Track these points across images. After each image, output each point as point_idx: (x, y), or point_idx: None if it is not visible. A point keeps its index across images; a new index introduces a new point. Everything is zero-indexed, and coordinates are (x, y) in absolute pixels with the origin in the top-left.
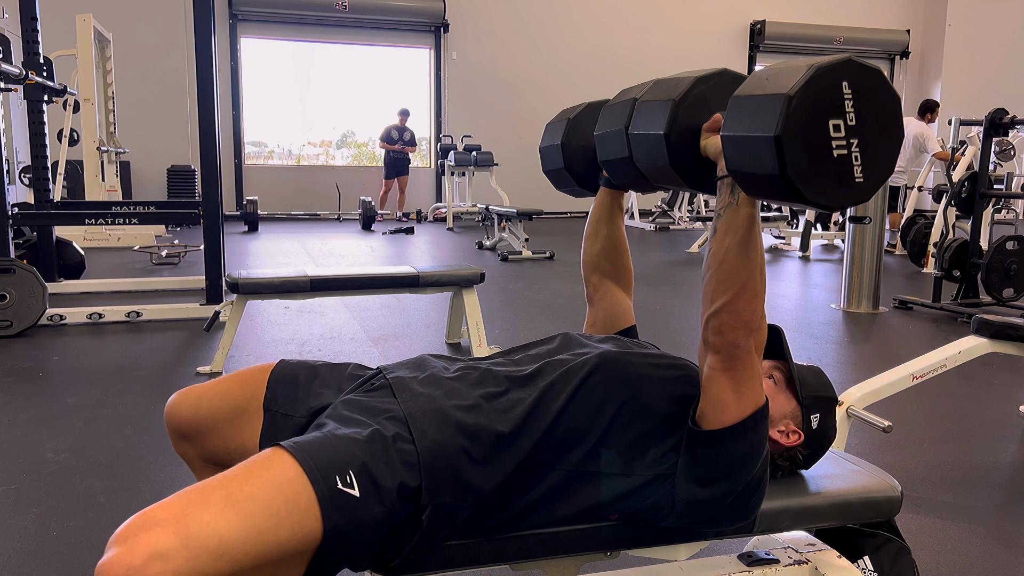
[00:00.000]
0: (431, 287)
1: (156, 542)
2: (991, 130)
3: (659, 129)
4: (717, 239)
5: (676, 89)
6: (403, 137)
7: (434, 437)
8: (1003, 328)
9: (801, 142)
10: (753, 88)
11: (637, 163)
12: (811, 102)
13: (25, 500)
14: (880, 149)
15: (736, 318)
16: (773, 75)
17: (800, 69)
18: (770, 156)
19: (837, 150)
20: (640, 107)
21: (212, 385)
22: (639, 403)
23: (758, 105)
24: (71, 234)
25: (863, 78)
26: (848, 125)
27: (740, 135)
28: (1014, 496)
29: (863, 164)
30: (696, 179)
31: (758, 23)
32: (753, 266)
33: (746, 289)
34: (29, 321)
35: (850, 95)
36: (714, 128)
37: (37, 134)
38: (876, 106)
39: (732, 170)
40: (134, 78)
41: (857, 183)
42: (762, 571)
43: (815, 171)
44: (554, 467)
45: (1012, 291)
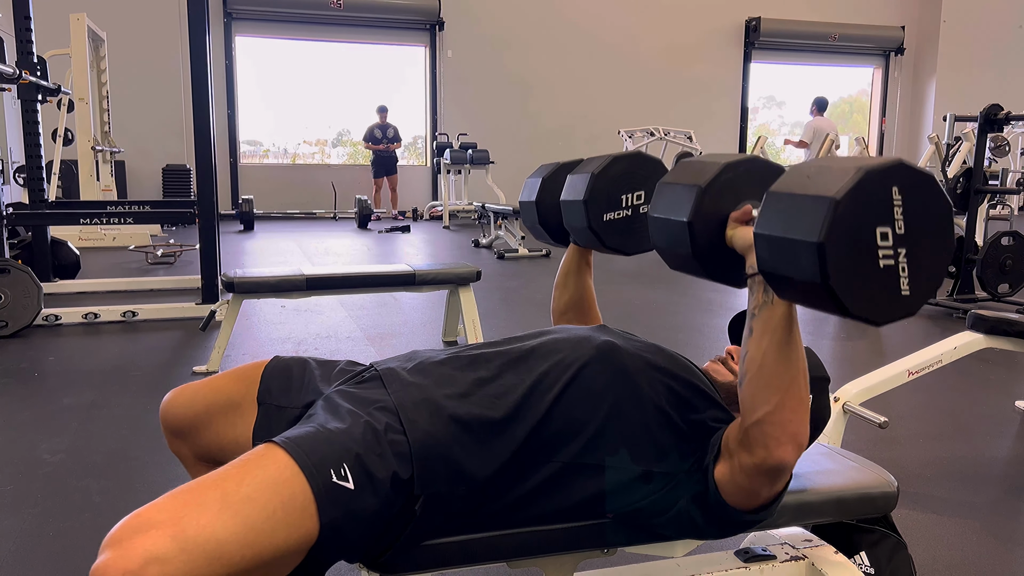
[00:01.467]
0: (427, 285)
1: (152, 545)
2: (986, 126)
3: (683, 216)
4: (754, 341)
5: (703, 174)
6: (387, 135)
7: (425, 427)
8: (998, 324)
9: (846, 251)
10: (793, 185)
11: (655, 247)
12: (859, 208)
13: (21, 501)
14: (929, 260)
15: (782, 430)
16: (816, 173)
17: (847, 171)
18: (811, 263)
19: (884, 260)
20: (661, 189)
21: (207, 382)
22: (637, 396)
23: (799, 205)
24: (66, 234)
25: (914, 183)
26: (896, 234)
27: (777, 236)
28: (1010, 491)
29: (910, 276)
30: (719, 271)
31: (753, 20)
32: (796, 371)
33: (790, 396)
34: (24, 321)
35: (900, 201)
36: (743, 219)
37: (31, 134)
38: (926, 214)
39: (765, 271)
40: (129, 77)
41: (903, 296)
42: (759, 567)
43: (859, 282)
44: (551, 459)
45: (1007, 287)
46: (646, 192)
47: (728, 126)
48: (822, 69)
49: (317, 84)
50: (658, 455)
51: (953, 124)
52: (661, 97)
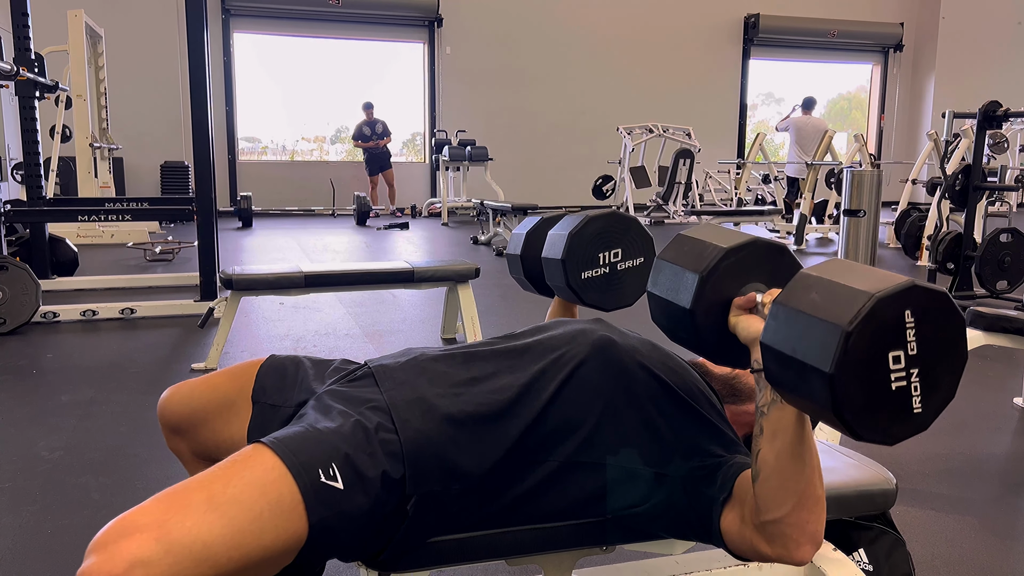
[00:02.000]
0: (426, 282)
1: (137, 549)
2: (984, 123)
3: (684, 303)
4: (765, 441)
5: (703, 259)
6: (375, 130)
7: (417, 426)
8: (997, 320)
9: (857, 380)
10: (802, 302)
11: (655, 321)
12: (870, 336)
13: (19, 498)
14: (941, 375)
15: (800, 531)
16: (825, 291)
17: (858, 297)
18: (821, 390)
19: (896, 383)
20: (660, 267)
21: (203, 379)
22: (633, 393)
23: (808, 328)
24: (64, 231)
25: (927, 303)
26: (908, 355)
27: (786, 354)
28: (1008, 488)
29: (923, 394)
30: (720, 355)
31: (752, 16)
32: (812, 470)
33: (807, 497)
34: (22, 319)
35: (912, 324)
36: (747, 307)
37: (29, 130)
38: (939, 331)
39: (773, 382)
40: (127, 74)
41: (915, 414)
42: (758, 564)
43: (870, 407)
44: (547, 458)
45: (1006, 283)
46: (623, 249)
47: (727, 123)
48: (821, 66)
49: (315, 81)
50: (655, 455)
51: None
52: (660, 94)
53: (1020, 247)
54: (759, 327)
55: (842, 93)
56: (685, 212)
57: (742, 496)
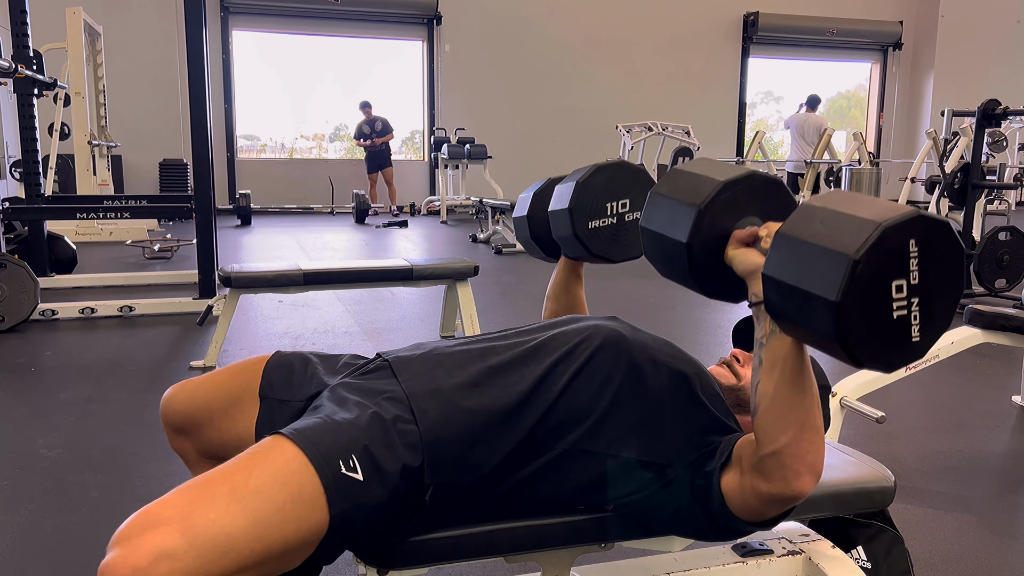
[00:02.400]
0: (425, 280)
1: (162, 541)
2: (983, 121)
3: (680, 236)
4: (764, 372)
5: (700, 192)
6: (375, 129)
7: (435, 417)
8: (995, 318)
9: (862, 308)
10: (806, 232)
11: (647, 257)
12: (876, 265)
13: (18, 496)
14: (939, 305)
15: (800, 461)
16: (831, 222)
17: (865, 226)
18: (826, 320)
19: (897, 311)
20: (655, 200)
21: (207, 377)
22: (642, 386)
23: (813, 256)
24: (63, 228)
25: (931, 233)
26: (911, 284)
27: (789, 284)
28: (1007, 485)
29: (921, 323)
30: (716, 290)
31: (751, 14)
32: (811, 400)
33: (807, 427)
34: (21, 316)
35: (916, 253)
36: (746, 241)
37: (27, 128)
38: (941, 262)
39: (774, 313)
40: (125, 71)
41: (913, 342)
42: (756, 561)
43: (872, 336)
44: (552, 447)
45: (1004, 281)
46: (631, 200)
47: (726, 121)
48: (820, 64)
49: (314, 79)
50: (659, 447)
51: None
52: (659, 92)
53: (1019, 245)
54: (758, 260)
55: (841, 91)
56: None
57: (739, 454)
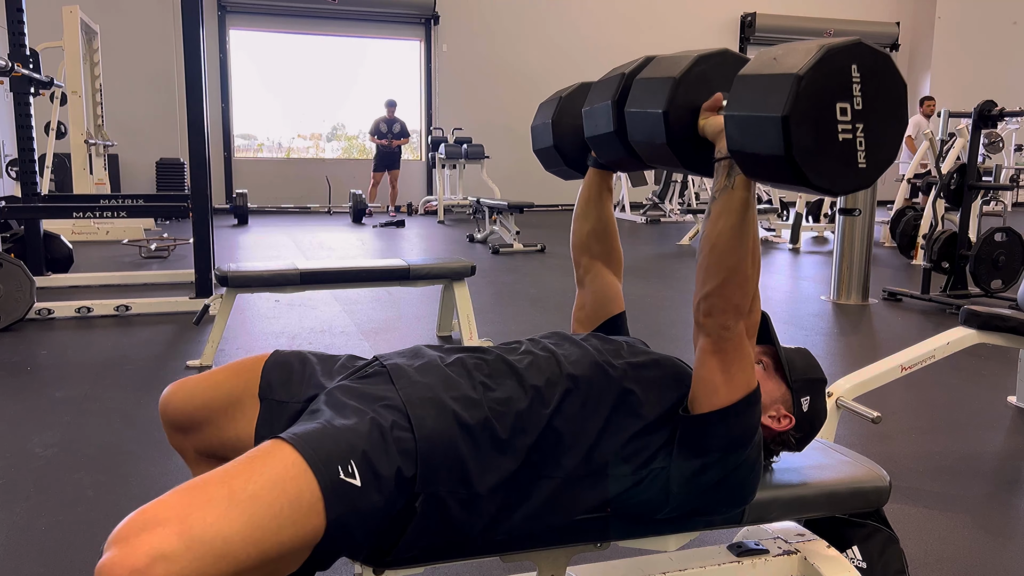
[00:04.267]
0: (422, 280)
1: (159, 543)
2: (980, 122)
3: (658, 107)
4: (710, 222)
5: (676, 67)
6: (392, 130)
7: (432, 426)
8: (991, 319)
9: (808, 123)
10: (760, 67)
11: (632, 141)
12: (821, 83)
13: (13, 495)
14: (884, 136)
15: (726, 302)
16: (781, 55)
17: (811, 50)
18: (776, 136)
19: (842, 134)
20: (638, 84)
21: (206, 376)
22: (629, 406)
23: (766, 84)
24: (59, 228)
25: (872, 62)
26: (854, 109)
27: (745, 115)
28: (1001, 486)
29: (867, 150)
30: (692, 159)
31: (749, 15)
32: (744, 251)
33: (736, 273)
34: (17, 315)
35: (858, 79)
36: (714, 107)
37: (24, 127)
38: (883, 92)
39: (733, 150)
40: (122, 70)
41: (860, 168)
42: (751, 561)
43: (820, 154)
44: (551, 474)
45: (1000, 282)
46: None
47: None
48: None
49: (311, 78)
50: (652, 456)
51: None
52: None
53: (1014, 246)
54: (722, 120)
55: None
56: (681, 210)
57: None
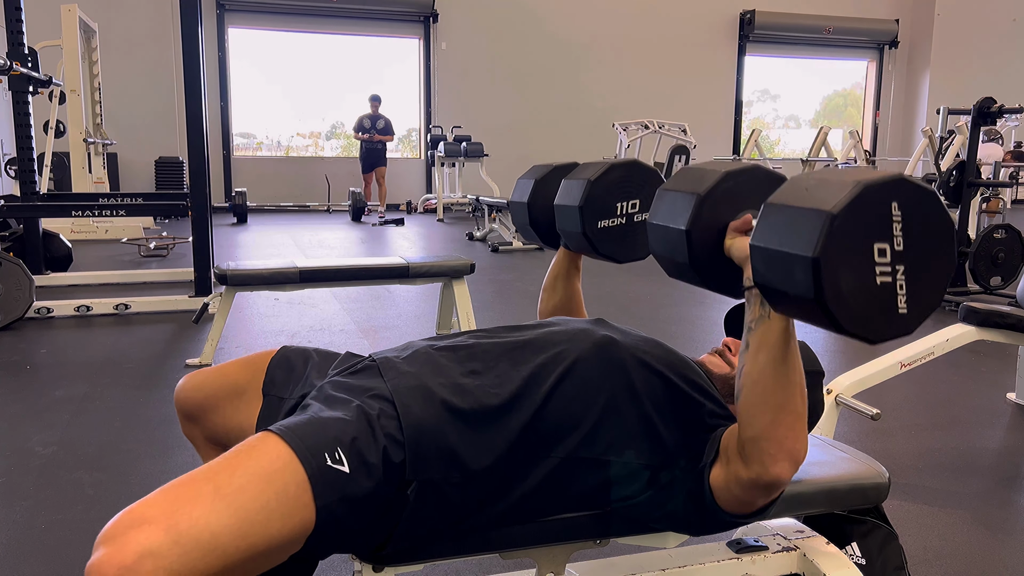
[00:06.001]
0: (421, 278)
1: (146, 540)
2: (979, 119)
3: (680, 224)
4: (749, 356)
5: (702, 182)
6: (376, 125)
7: (418, 413)
8: (990, 316)
9: (841, 266)
10: (791, 197)
11: (653, 253)
12: (856, 223)
13: (13, 493)
14: (928, 278)
15: (778, 447)
16: (815, 186)
17: (846, 184)
18: (805, 278)
19: (881, 277)
20: (661, 195)
21: (217, 368)
22: (633, 391)
23: (796, 218)
24: (58, 226)
25: (915, 199)
26: (895, 250)
27: (772, 248)
28: (1000, 482)
29: (908, 294)
30: (716, 280)
31: (748, 12)
32: (793, 386)
33: (786, 412)
34: (16, 314)
35: (899, 217)
36: (742, 229)
37: (23, 125)
38: (927, 231)
39: (760, 283)
40: (120, 69)
41: (900, 315)
42: (751, 558)
43: (854, 298)
44: (549, 453)
45: (999, 279)
46: (641, 200)
47: (722, 119)
48: (816, 62)
49: (310, 76)
50: (655, 450)
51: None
52: (655, 90)
53: (1013, 243)
54: None
55: (837, 90)
56: None
57: (725, 445)
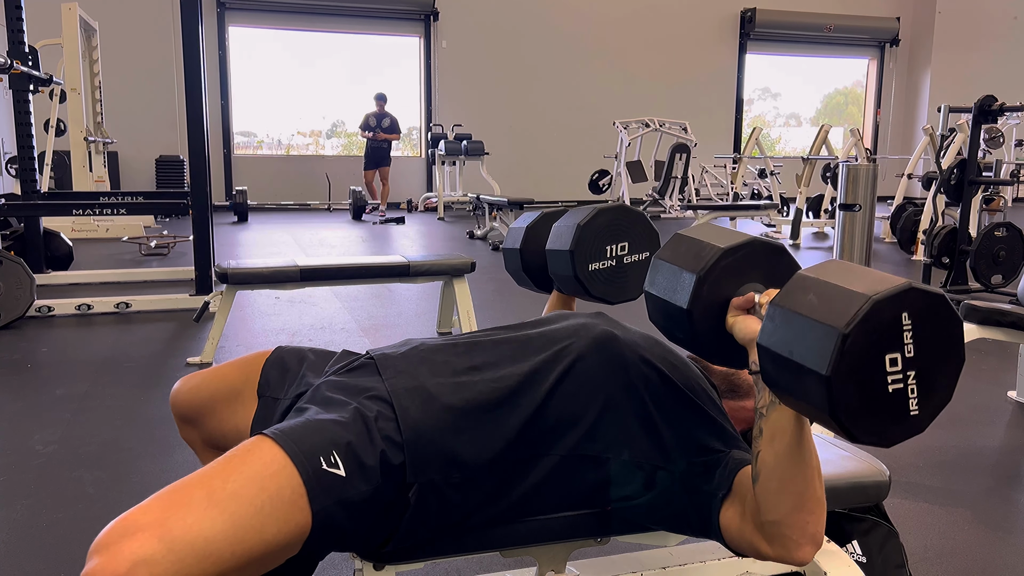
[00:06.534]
0: (422, 276)
1: (139, 548)
2: (980, 117)
3: (681, 302)
4: (765, 443)
5: (700, 259)
6: (381, 124)
7: (416, 415)
8: (991, 314)
9: (854, 382)
10: (798, 303)
11: (652, 321)
12: (867, 339)
13: (14, 492)
14: (938, 377)
15: (800, 532)
16: (822, 293)
17: (855, 299)
18: (818, 393)
19: (892, 385)
20: (657, 266)
21: (213, 369)
22: (633, 388)
23: (805, 330)
24: (59, 225)
25: (924, 305)
26: (905, 358)
27: (783, 356)
28: (1001, 480)
29: (919, 396)
30: (720, 356)
31: (748, 10)
32: (812, 471)
33: (807, 498)
34: (17, 313)
35: (909, 326)
36: (745, 308)
37: (23, 124)
38: (936, 333)
39: (770, 384)
40: (121, 67)
41: (912, 416)
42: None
43: (867, 410)
44: (548, 451)
45: (1000, 277)
46: (629, 243)
47: (723, 118)
48: (817, 60)
49: (311, 75)
50: (655, 449)
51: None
52: (656, 88)
53: (1015, 241)
54: (756, 328)
55: (838, 88)
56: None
57: (742, 493)
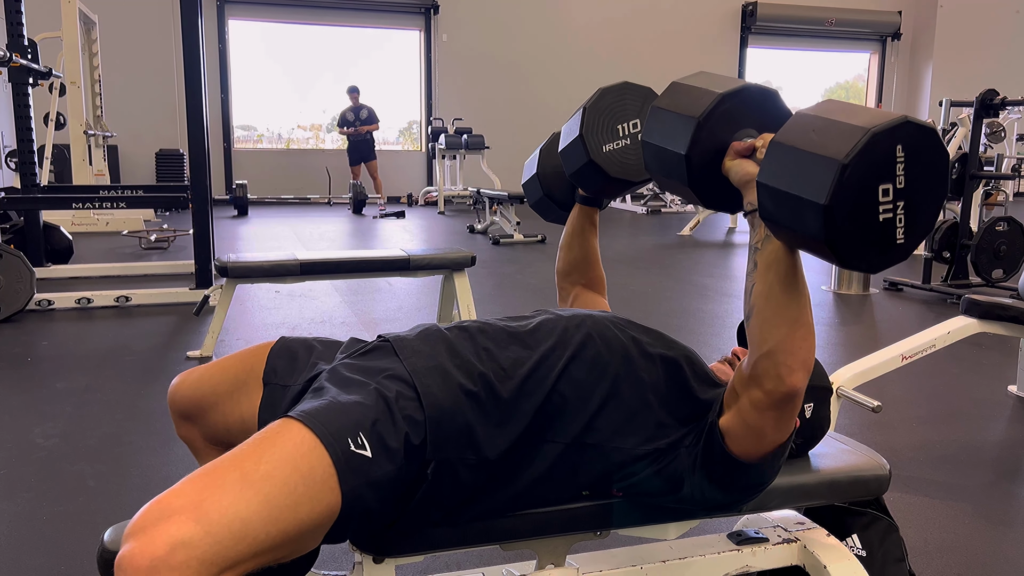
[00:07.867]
0: (422, 271)
1: (177, 531)
2: (981, 111)
3: (679, 148)
4: (759, 275)
5: (699, 104)
6: (359, 117)
7: (438, 395)
8: (992, 308)
9: (849, 211)
10: (798, 139)
11: (648, 171)
12: (865, 169)
13: (15, 485)
14: (924, 208)
15: (793, 358)
16: (822, 129)
17: (855, 132)
18: (815, 222)
19: (883, 214)
20: (656, 114)
21: (214, 363)
22: (635, 376)
23: (805, 163)
24: (59, 219)
25: (917, 138)
26: (897, 188)
27: (781, 190)
28: (1001, 475)
29: (905, 225)
30: (714, 200)
31: (750, 5)
32: (803, 300)
33: (799, 324)
34: (17, 306)
35: (903, 158)
36: (744, 153)
37: (23, 118)
38: (926, 166)
39: (767, 219)
40: (121, 61)
41: (898, 244)
42: (751, 550)
43: (858, 237)
44: (555, 437)
45: (1001, 272)
46: (641, 119)
47: None
48: (819, 54)
49: (311, 68)
50: (660, 431)
51: (949, 109)
52: (658, 82)
53: (1016, 236)
54: (753, 170)
55: (840, 82)
56: (681, 201)
57: (730, 392)
